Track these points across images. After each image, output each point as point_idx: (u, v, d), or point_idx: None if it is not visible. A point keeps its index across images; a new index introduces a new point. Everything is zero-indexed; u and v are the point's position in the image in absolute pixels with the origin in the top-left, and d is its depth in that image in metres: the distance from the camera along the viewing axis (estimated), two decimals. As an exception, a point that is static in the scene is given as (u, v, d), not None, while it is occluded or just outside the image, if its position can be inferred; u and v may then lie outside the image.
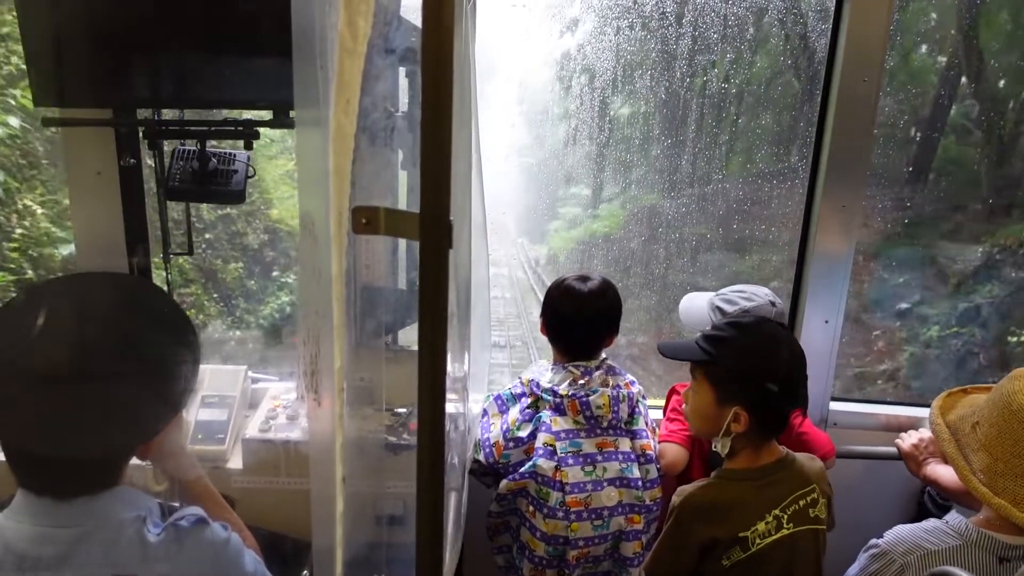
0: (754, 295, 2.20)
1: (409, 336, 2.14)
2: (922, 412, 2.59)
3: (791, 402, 1.74)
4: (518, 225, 6.28)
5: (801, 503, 1.75)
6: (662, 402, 2.35)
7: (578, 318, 2.07)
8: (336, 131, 1.01)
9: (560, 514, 1.94)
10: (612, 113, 4.03)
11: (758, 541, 1.70)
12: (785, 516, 1.73)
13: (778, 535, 1.71)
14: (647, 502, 2.00)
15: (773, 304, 2.16)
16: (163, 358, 1.27)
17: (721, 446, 1.77)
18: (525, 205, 5.68)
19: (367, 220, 1.02)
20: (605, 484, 1.96)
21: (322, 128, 1.00)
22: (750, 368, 1.72)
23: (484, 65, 1.82)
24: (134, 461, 1.80)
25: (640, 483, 1.99)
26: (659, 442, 2.12)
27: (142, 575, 1.19)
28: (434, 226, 0.95)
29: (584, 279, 2.08)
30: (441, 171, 0.94)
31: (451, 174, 0.96)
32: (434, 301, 0.98)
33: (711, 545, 1.73)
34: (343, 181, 1.04)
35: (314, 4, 0.97)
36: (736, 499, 1.73)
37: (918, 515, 2.53)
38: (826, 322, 2.46)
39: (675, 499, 1.78)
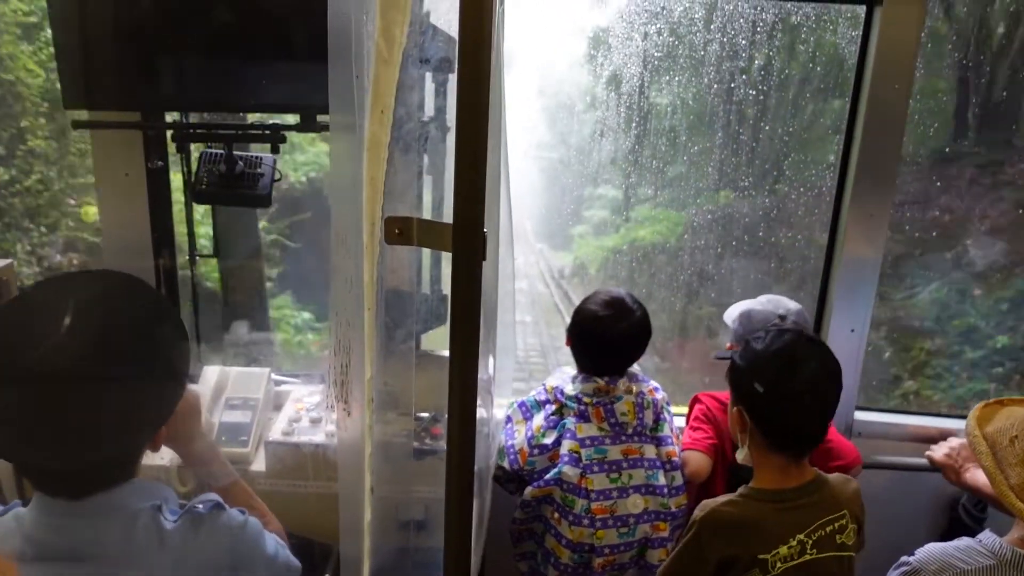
0: (767, 304, 2.18)
1: (431, 340, 2.13)
2: (949, 423, 2.55)
3: (786, 409, 1.67)
4: (537, 229, 5.70)
5: (828, 528, 1.70)
6: (685, 410, 2.33)
7: (605, 346, 2.05)
8: (371, 141, 1.01)
9: (586, 521, 1.93)
10: (647, 104, 3.66)
11: (779, 565, 1.65)
12: (810, 541, 1.67)
13: (800, 560, 1.66)
14: (673, 509, 1.99)
15: (782, 317, 2.12)
16: (154, 350, 1.26)
17: (740, 455, 1.75)
18: (545, 207, 5.21)
19: (400, 230, 1.02)
20: (631, 491, 1.95)
21: (357, 138, 1.00)
22: (744, 365, 1.72)
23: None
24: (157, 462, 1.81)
25: (666, 490, 1.98)
26: (682, 450, 2.10)
27: (160, 562, 1.19)
28: (468, 238, 0.94)
29: (612, 304, 2.04)
30: (476, 183, 0.94)
31: (486, 185, 0.95)
32: (466, 313, 0.97)
33: (729, 563, 1.69)
34: (376, 191, 1.04)
35: (350, 13, 0.97)
36: (759, 519, 1.68)
37: (949, 528, 2.50)
38: (852, 331, 2.44)
39: (697, 512, 1.74)
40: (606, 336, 2.03)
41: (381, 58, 0.98)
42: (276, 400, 2.30)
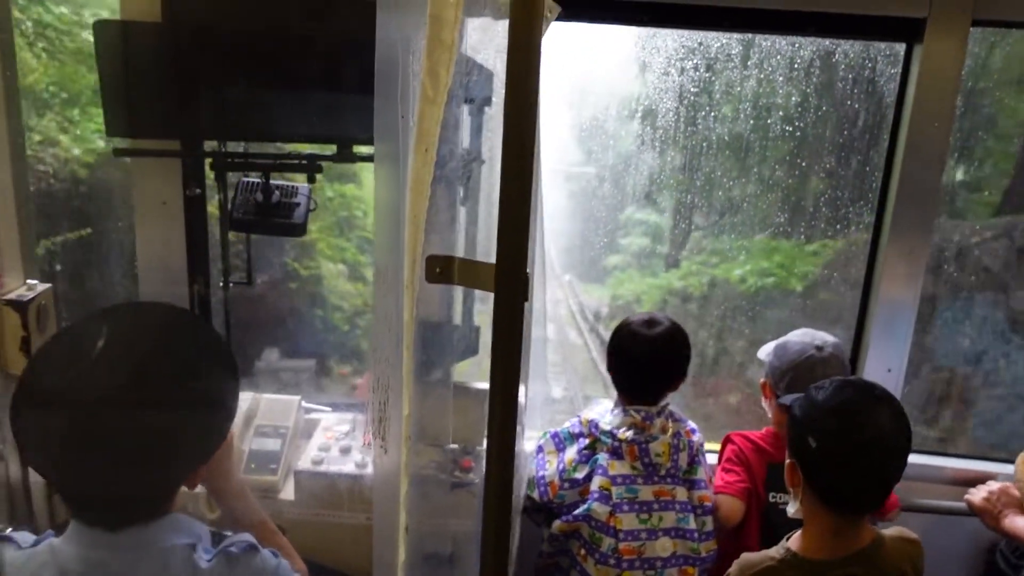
0: (803, 336, 2.14)
1: (461, 372, 2.12)
2: (989, 466, 2.49)
3: (842, 469, 1.52)
4: (563, 258, 4.76)
5: None
6: (717, 446, 2.29)
7: (642, 364, 2.03)
8: (414, 179, 1.01)
9: (612, 561, 1.90)
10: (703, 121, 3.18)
11: None
12: None
13: None
14: (702, 554, 1.95)
15: (819, 348, 2.08)
16: (206, 386, 1.27)
17: (792, 508, 1.64)
18: (574, 233, 4.37)
19: (441, 269, 1.01)
20: (660, 534, 1.92)
21: (400, 175, 1.00)
22: (800, 416, 1.59)
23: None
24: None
25: (696, 535, 1.94)
26: (714, 493, 2.06)
27: None
28: (511, 279, 0.94)
29: (651, 323, 2.04)
30: (520, 223, 0.93)
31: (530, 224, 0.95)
32: (508, 353, 0.96)
33: None
34: (418, 230, 1.04)
35: (397, 53, 0.98)
36: None
37: (987, 573, 2.43)
38: (889, 371, 2.39)
39: (734, 568, 1.62)
40: (640, 345, 2.02)
41: (427, 97, 0.98)
42: (305, 428, 2.30)
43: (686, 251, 4.32)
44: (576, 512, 1.96)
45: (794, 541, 1.61)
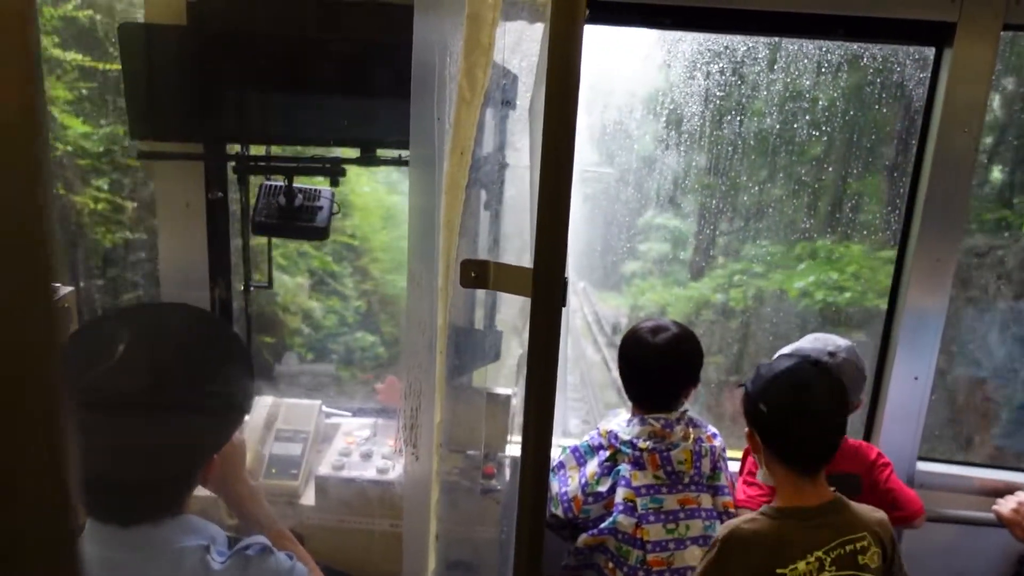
0: (816, 342, 2.12)
1: (484, 377, 2.11)
2: (1018, 476, 2.45)
3: (791, 429, 1.73)
4: (578, 264, 4.33)
5: (848, 548, 1.69)
6: (738, 453, 2.27)
7: (650, 371, 2.02)
8: (449, 183, 1.00)
9: (641, 573, 1.87)
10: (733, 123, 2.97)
11: None
12: (828, 559, 1.67)
13: None
14: (730, 562, 1.92)
15: (831, 355, 2.07)
16: (214, 378, 1.28)
17: (760, 475, 1.81)
18: (590, 236, 4.07)
19: (476, 274, 1.00)
20: (688, 543, 1.89)
21: (436, 179, 0.99)
22: (752, 389, 1.78)
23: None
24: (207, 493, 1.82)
25: (723, 542, 1.92)
26: (736, 506, 2.04)
27: None
28: (549, 283, 0.92)
29: (657, 330, 2.02)
30: (558, 226, 0.92)
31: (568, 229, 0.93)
32: (545, 359, 0.95)
33: None
34: (452, 233, 1.02)
35: (434, 55, 0.96)
36: (779, 535, 1.68)
37: (1014, 587, 2.40)
38: (916, 379, 2.36)
39: (721, 531, 1.74)
40: (646, 352, 2.01)
41: (463, 99, 0.97)
42: (325, 433, 2.29)
43: (720, 258, 3.93)
44: (602, 526, 1.93)
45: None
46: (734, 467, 2.20)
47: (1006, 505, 2.14)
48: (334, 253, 4.50)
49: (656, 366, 2.02)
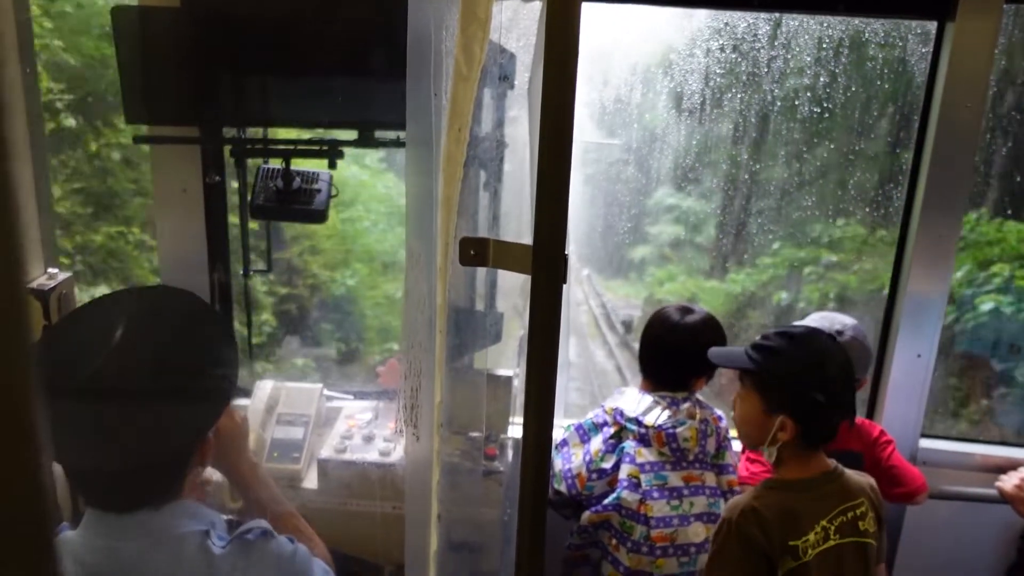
0: (822, 320, 2.11)
1: (485, 359, 2.10)
2: (1020, 452, 2.45)
3: (838, 413, 1.69)
4: (581, 250, 3.83)
5: (849, 515, 1.70)
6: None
7: (667, 345, 2.03)
8: (446, 160, 0.99)
9: (645, 549, 1.87)
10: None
11: (809, 552, 1.64)
12: (832, 527, 1.67)
13: (825, 546, 1.66)
14: (733, 540, 1.92)
15: (839, 333, 2.06)
16: (197, 356, 1.29)
17: (768, 454, 1.74)
18: (592, 222, 3.59)
19: (475, 252, 0.99)
20: (692, 519, 1.89)
21: (433, 156, 0.98)
22: (798, 378, 1.68)
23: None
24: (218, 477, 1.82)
25: (727, 520, 1.92)
26: (740, 482, 2.04)
27: None
28: (549, 261, 0.91)
29: (685, 311, 2.03)
30: (558, 204, 0.91)
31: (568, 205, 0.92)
32: (546, 338, 0.94)
33: (765, 554, 1.67)
34: (451, 211, 1.01)
35: (430, 28, 0.95)
36: (786, 507, 1.67)
37: (1017, 561, 2.40)
38: (918, 356, 2.35)
39: (727, 512, 1.72)
40: (670, 330, 2.02)
41: (460, 75, 0.95)
42: (327, 416, 2.28)
43: (776, 242, 3.30)
44: (606, 502, 1.93)
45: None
46: (737, 447, 2.20)
47: (1009, 481, 2.14)
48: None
49: (672, 340, 2.03)
